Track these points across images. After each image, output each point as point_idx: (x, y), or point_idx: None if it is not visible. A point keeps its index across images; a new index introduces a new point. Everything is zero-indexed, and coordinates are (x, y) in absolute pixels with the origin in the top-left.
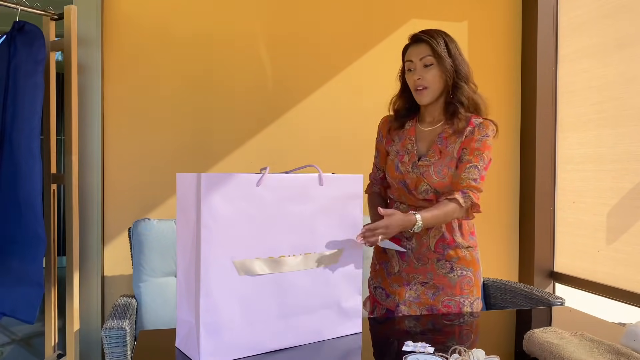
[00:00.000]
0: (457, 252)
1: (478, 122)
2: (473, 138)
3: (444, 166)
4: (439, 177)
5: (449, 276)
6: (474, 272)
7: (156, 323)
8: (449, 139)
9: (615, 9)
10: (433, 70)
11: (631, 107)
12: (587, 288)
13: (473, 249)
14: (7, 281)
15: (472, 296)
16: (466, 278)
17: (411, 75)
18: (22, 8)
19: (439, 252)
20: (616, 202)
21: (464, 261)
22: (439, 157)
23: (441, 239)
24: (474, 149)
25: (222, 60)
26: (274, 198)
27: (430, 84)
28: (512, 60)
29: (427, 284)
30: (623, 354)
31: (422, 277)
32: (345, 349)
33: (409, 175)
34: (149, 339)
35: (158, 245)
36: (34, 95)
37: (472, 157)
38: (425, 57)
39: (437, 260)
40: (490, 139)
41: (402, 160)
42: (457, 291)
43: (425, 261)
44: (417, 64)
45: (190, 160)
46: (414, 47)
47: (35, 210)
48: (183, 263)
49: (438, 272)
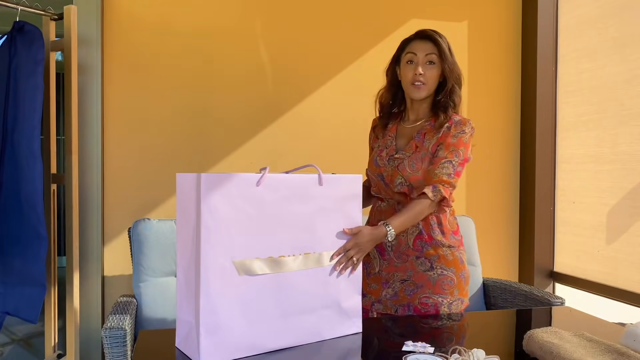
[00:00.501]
0: (437, 251)
1: (456, 120)
2: (449, 134)
3: (417, 160)
4: (413, 170)
5: (428, 274)
6: (456, 272)
7: (156, 323)
8: (427, 135)
9: (615, 9)
10: (434, 69)
11: (631, 107)
12: (587, 288)
13: (455, 248)
14: (10, 281)
15: (452, 297)
16: (447, 278)
17: (411, 68)
18: (22, 8)
19: (418, 250)
20: (616, 202)
21: (444, 260)
22: (414, 151)
23: (419, 236)
24: (449, 144)
25: (222, 60)
26: (273, 198)
27: (428, 81)
28: (512, 60)
29: (406, 281)
30: (623, 354)
31: (401, 275)
32: (345, 349)
33: (385, 168)
34: (149, 339)
35: (158, 245)
36: (34, 95)
37: (447, 153)
38: (430, 54)
39: (417, 258)
40: (467, 137)
41: (381, 154)
42: (437, 290)
43: (404, 259)
44: (421, 59)
45: (190, 161)
46: (420, 42)
47: (36, 209)
48: (183, 263)
49: (418, 270)
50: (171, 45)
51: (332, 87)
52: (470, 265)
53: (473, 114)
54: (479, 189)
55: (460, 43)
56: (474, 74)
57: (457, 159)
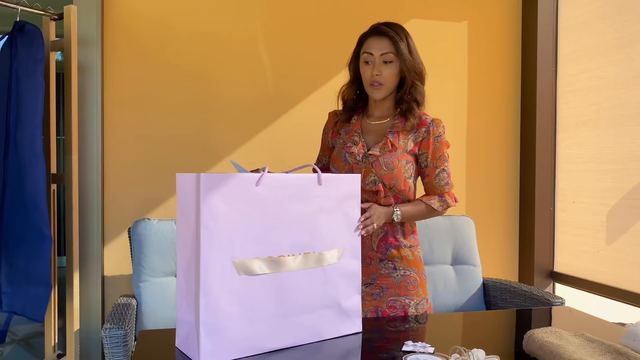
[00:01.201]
0: (399, 252)
1: (429, 121)
2: (430, 140)
3: (394, 158)
4: (388, 168)
5: (392, 276)
6: (417, 272)
7: (156, 323)
8: (401, 134)
9: (615, 9)
10: (392, 68)
11: (631, 107)
12: (587, 288)
13: (415, 247)
14: (16, 280)
15: (418, 297)
16: (410, 278)
17: (368, 69)
18: (22, 8)
19: (382, 252)
20: (616, 202)
21: (406, 260)
22: (390, 149)
23: (384, 239)
24: (434, 151)
25: (222, 60)
26: (273, 198)
27: (386, 80)
28: (512, 60)
29: (371, 284)
30: (623, 354)
31: (365, 278)
32: (345, 349)
33: (357, 165)
34: (149, 339)
35: (158, 245)
36: (35, 95)
37: (436, 162)
38: (386, 53)
39: (380, 261)
40: (444, 137)
41: (350, 151)
42: (402, 291)
43: (367, 262)
44: (377, 58)
45: (190, 160)
46: (375, 39)
47: (40, 208)
48: (183, 263)
49: (381, 272)
50: (171, 45)
51: (333, 87)
52: (470, 265)
53: (473, 114)
54: (479, 189)
55: (460, 43)
56: (474, 74)
57: (447, 164)
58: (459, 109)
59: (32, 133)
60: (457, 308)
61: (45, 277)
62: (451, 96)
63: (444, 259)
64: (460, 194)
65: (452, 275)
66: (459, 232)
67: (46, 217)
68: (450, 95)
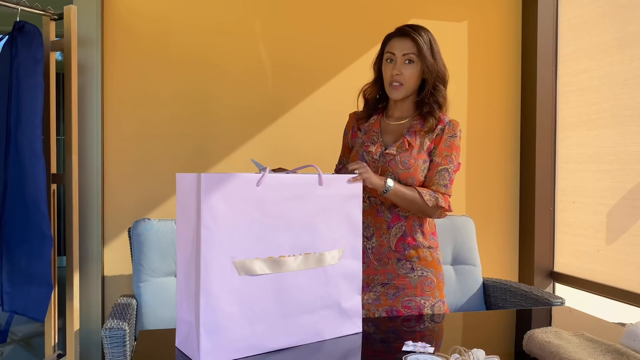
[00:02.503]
0: (418, 252)
1: (447, 120)
2: (442, 137)
3: (411, 157)
4: (405, 167)
5: (409, 276)
6: (435, 273)
7: (156, 323)
8: (419, 134)
9: (615, 9)
10: (413, 68)
11: (631, 107)
12: (587, 288)
13: (434, 249)
14: (18, 280)
15: (434, 298)
16: (427, 279)
17: (389, 68)
18: (22, 8)
19: (400, 252)
20: (616, 202)
21: (424, 261)
22: (407, 149)
23: (402, 238)
24: (442, 149)
25: (222, 60)
26: (274, 198)
27: (406, 81)
28: (512, 60)
29: (387, 284)
30: (623, 354)
31: (382, 278)
32: (345, 349)
33: (374, 164)
34: (149, 339)
35: (158, 245)
36: (35, 95)
37: (441, 159)
38: (408, 53)
39: (398, 260)
40: (457, 140)
41: (368, 150)
42: (418, 292)
43: (385, 261)
44: (399, 58)
45: (190, 160)
46: (398, 40)
47: (41, 208)
48: (183, 263)
49: (399, 273)
50: (171, 45)
51: (333, 87)
52: (470, 265)
53: (473, 114)
54: (479, 189)
55: (460, 43)
56: (474, 74)
57: (452, 166)
58: (459, 109)
59: (32, 133)
60: (457, 308)
61: (46, 276)
62: (451, 96)
63: (444, 259)
64: (460, 194)
65: (452, 275)
66: (459, 232)
67: (46, 217)
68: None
